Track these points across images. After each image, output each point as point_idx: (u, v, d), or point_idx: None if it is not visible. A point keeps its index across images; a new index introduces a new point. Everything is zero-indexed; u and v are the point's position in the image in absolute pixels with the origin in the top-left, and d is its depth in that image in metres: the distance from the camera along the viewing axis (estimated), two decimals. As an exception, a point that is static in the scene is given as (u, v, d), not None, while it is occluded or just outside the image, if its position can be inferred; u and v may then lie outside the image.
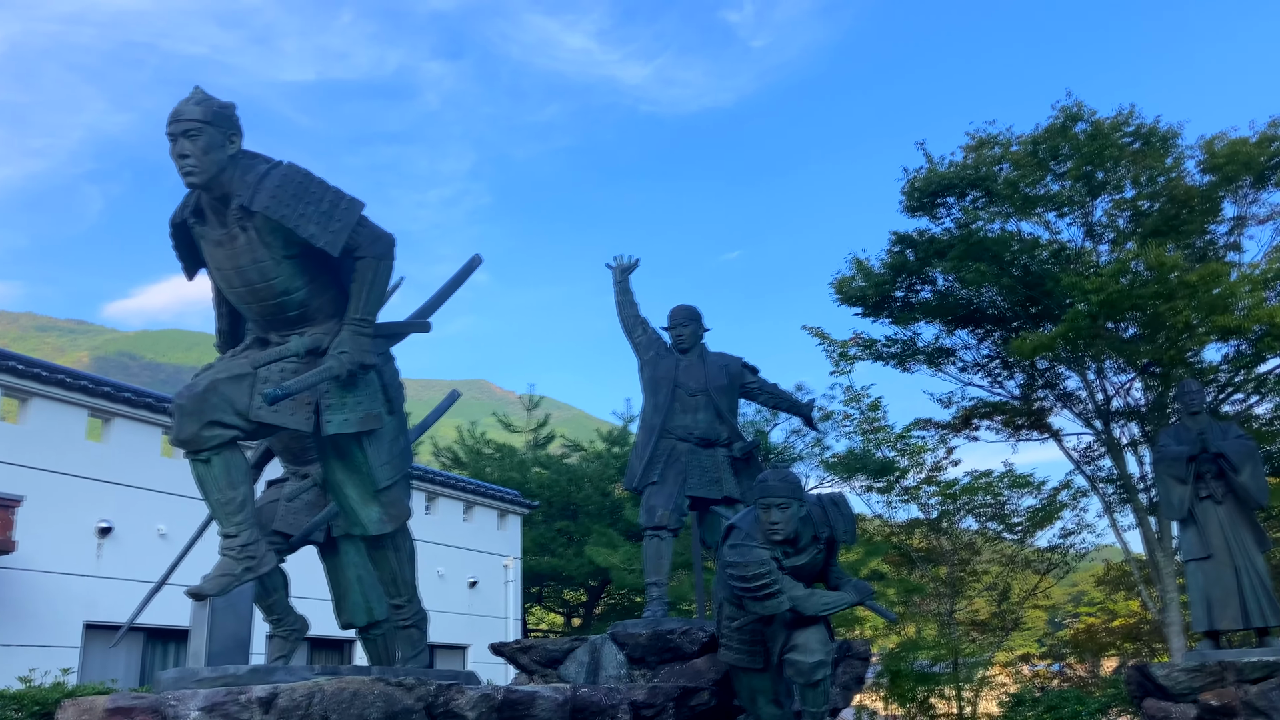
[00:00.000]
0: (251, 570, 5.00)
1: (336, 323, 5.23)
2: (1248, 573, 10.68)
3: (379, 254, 5.16)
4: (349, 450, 5.31)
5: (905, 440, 26.25)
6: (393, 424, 5.52)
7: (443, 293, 6.08)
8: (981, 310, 24.29)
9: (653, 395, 9.39)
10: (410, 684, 4.57)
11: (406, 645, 6.02)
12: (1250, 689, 9.89)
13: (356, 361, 5.08)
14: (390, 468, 5.46)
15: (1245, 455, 10.86)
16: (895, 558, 27.43)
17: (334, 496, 5.64)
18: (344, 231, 4.98)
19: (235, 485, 4.94)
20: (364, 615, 6.78)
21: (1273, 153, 21.33)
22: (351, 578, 6.85)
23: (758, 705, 7.20)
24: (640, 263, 10.03)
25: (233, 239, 4.99)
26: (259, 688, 4.28)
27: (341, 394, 5.13)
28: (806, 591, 6.63)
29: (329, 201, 4.96)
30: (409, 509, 5.72)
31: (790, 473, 6.86)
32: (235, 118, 4.99)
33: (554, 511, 28.57)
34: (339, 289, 5.28)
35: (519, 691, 5.24)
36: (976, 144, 23.38)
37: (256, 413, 4.91)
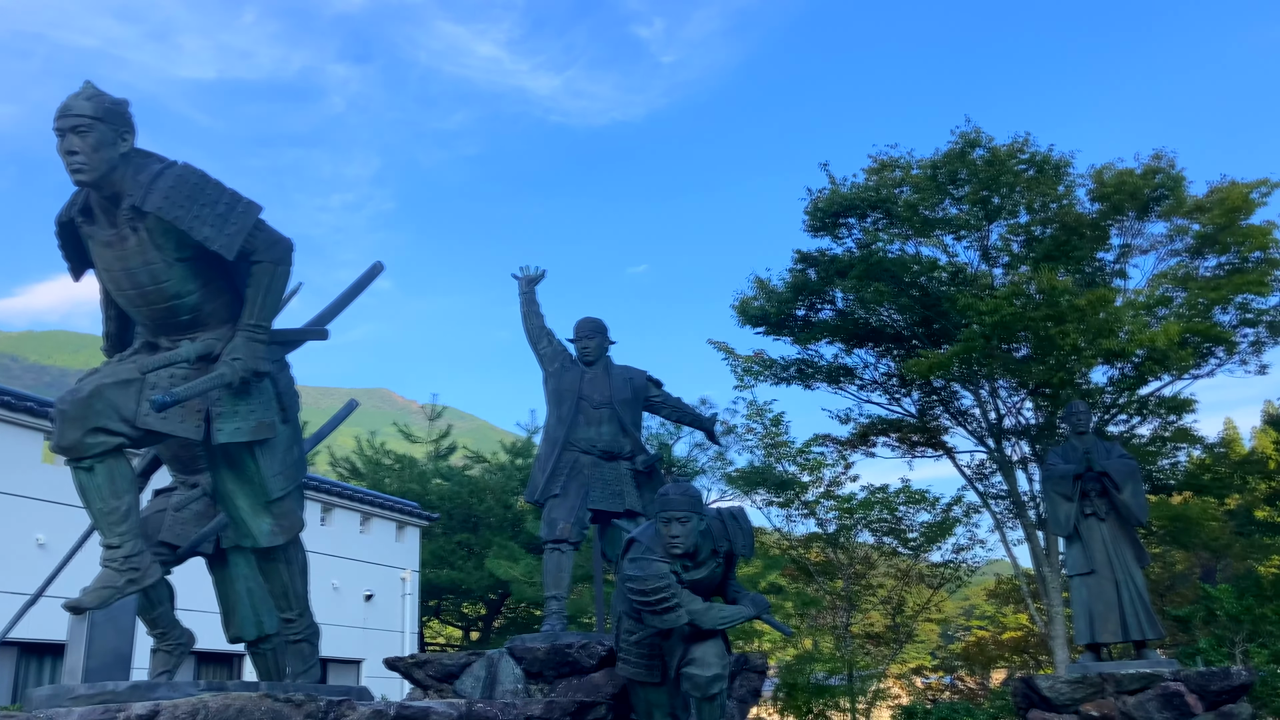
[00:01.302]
0: (134, 583, 4.83)
1: (230, 328, 5.08)
2: (1128, 587, 11.08)
3: (276, 258, 5.04)
4: (240, 460, 5.17)
5: (805, 455, 26.62)
6: (286, 433, 5.39)
7: (342, 300, 5.96)
8: (881, 330, 24.83)
9: (556, 407, 9.36)
10: (299, 700, 4.45)
11: (297, 660, 5.88)
12: (1128, 700, 10.27)
13: (250, 368, 4.95)
14: (283, 478, 5.32)
15: (1127, 474, 11.28)
16: (793, 571, 27.76)
17: (224, 507, 5.48)
18: (240, 235, 4.85)
19: (119, 494, 4.77)
20: (254, 629, 6.60)
21: (1156, 184, 22.28)
22: (241, 590, 6.66)
23: (655, 719, 7.21)
24: (547, 274, 9.99)
25: (123, 240, 4.82)
26: (139, 705, 4.12)
27: (234, 402, 4.99)
28: (705, 605, 6.66)
29: (225, 204, 4.83)
30: (302, 520, 5.59)
31: (691, 486, 6.89)
32: (128, 114, 4.83)
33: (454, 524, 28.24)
34: (234, 294, 5.14)
35: (412, 707, 5.15)
36: (878, 166, 23.95)
37: (143, 419, 4.75)
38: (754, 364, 26.11)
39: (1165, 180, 22.39)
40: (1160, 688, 10.12)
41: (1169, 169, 22.52)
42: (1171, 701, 10.04)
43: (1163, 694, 10.09)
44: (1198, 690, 10.11)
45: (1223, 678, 10.24)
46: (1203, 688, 10.14)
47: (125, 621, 6.75)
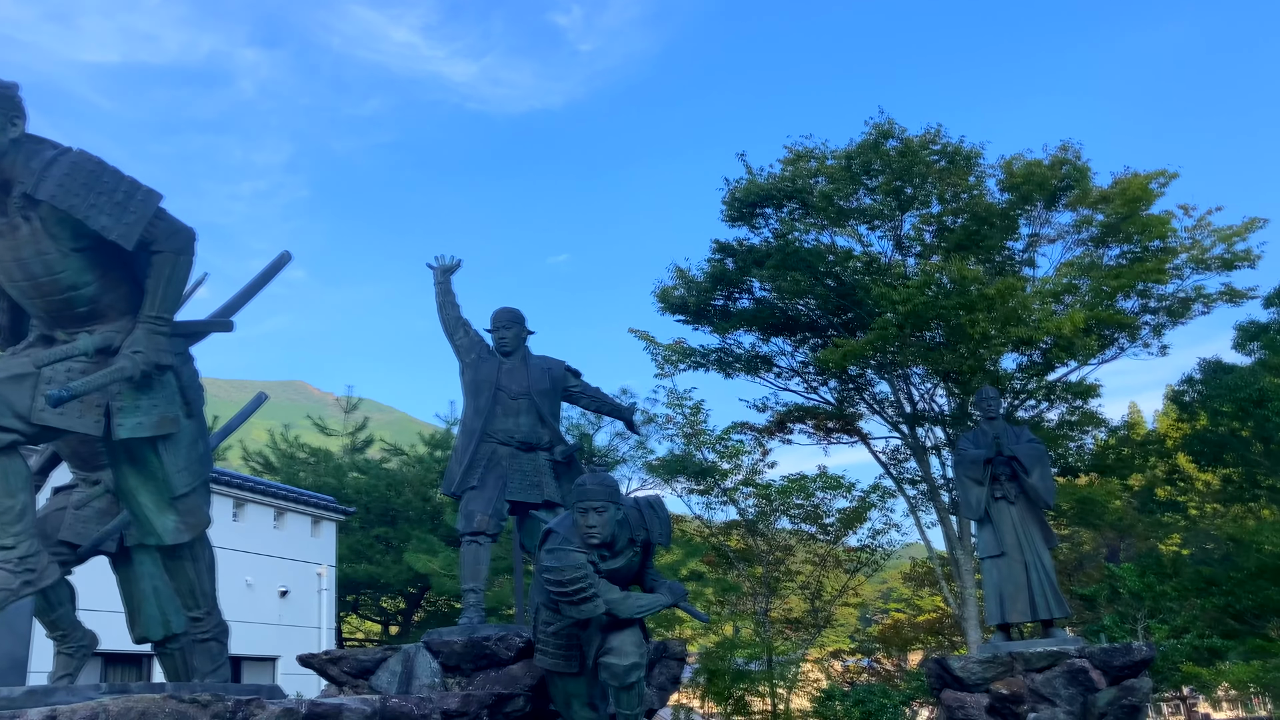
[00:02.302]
0: (31, 584, 4.66)
1: (130, 320, 4.92)
2: (1036, 568, 11.37)
3: (177, 248, 4.89)
4: (143, 455, 5.02)
5: (725, 443, 26.85)
6: (191, 428, 5.24)
7: (248, 290, 5.82)
8: (798, 319, 25.14)
9: (474, 399, 9.26)
10: (205, 700, 4.34)
11: (206, 659, 5.74)
12: (1036, 677, 10.55)
13: (151, 361, 4.80)
14: (188, 473, 5.18)
15: (1035, 458, 11.56)
16: (713, 558, 28.00)
17: (126, 504, 5.32)
18: (139, 224, 4.69)
19: (14, 493, 4.59)
20: (160, 628, 6.42)
21: (1063, 175, 22.87)
22: (146, 589, 6.47)
23: (573, 709, 7.19)
24: (463, 263, 9.87)
25: (14, 229, 4.63)
26: (35, 711, 3.98)
27: (135, 396, 4.83)
28: (622, 595, 6.66)
29: (123, 192, 4.67)
30: (208, 517, 5.45)
31: (608, 476, 6.88)
32: (18, 99, 4.64)
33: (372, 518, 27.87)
34: (133, 284, 4.97)
35: (325, 704, 5.06)
36: (794, 157, 24.20)
37: (39, 415, 4.58)
38: (674, 353, 26.24)
39: (1071, 171, 23.01)
40: (1066, 665, 10.42)
41: (1075, 160, 23.15)
42: (1077, 678, 10.34)
43: (1069, 670, 10.39)
44: (1101, 666, 10.43)
45: (1125, 653, 10.57)
46: (1106, 663, 10.46)
47: (21, 625, 6.53)
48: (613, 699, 6.92)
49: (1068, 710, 10.34)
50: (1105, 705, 10.26)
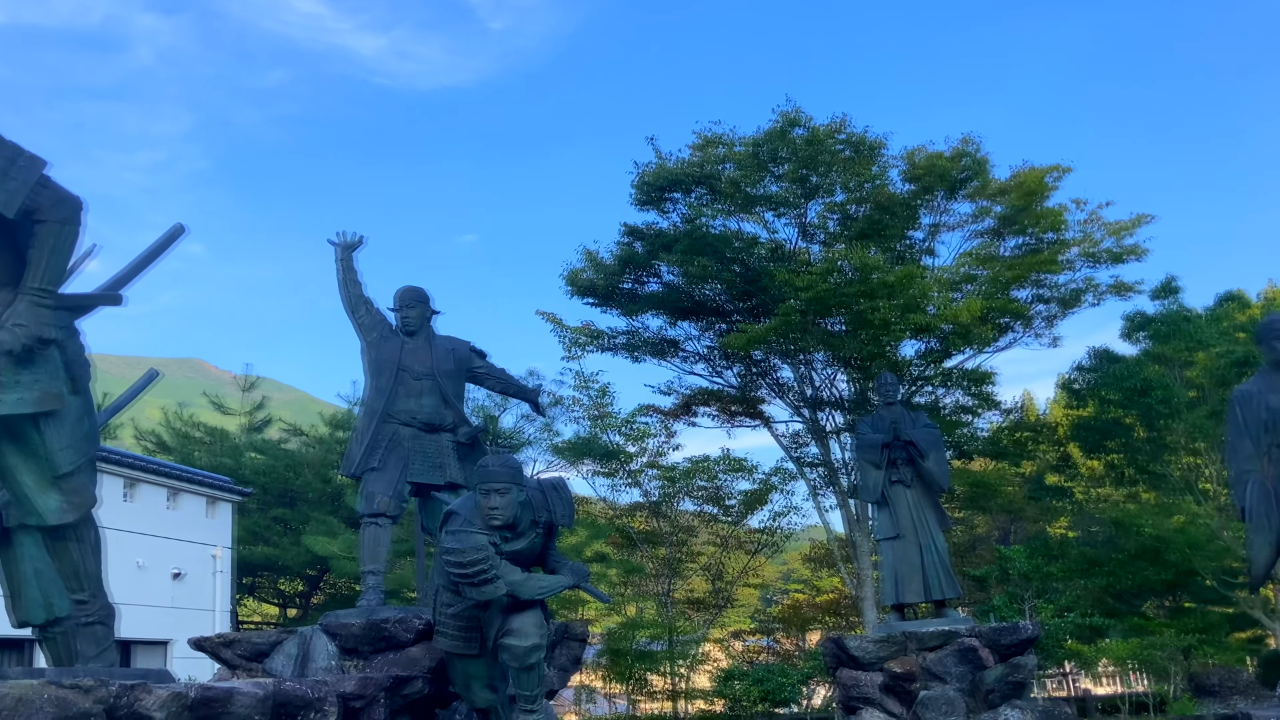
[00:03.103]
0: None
1: (11, 292, 4.72)
2: (930, 550, 11.67)
3: (63, 218, 4.70)
4: (24, 432, 4.83)
5: (631, 426, 26.95)
6: (77, 404, 5.06)
7: (139, 263, 5.62)
8: (704, 303, 25.33)
9: (375, 378, 9.13)
10: (88, 686, 4.21)
11: (91, 644, 5.55)
12: (929, 656, 10.85)
13: (34, 335, 4.61)
14: (73, 452, 5.00)
15: (931, 443, 11.85)
16: (618, 540, 28.13)
17: (6, 483, 5.11)
18: (20, 191, 4.50)
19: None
20: (42, 612, 6.18)
21: (963, 166, 23.42)
22: (28, 571, 6.21)
23: (473, 691, 7.17)
24: (367, 241, 9.70)
25: (-115, 196, 4.41)
26: (-96, 698, 3.81)
27: (15, 371, 4.64)
28: (524, 576, 6.65)
29: (4, 158, 4.47)
30: (94, 496, 5.27)
31: (511, 458, 6.85)
32: None
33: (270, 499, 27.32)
34: (15, 255, 4.77)
35: (216, 688, 4.95)
36: (703, 142, 24.31)
37: (-90, 391, 4.37)
38: (582, 335, 26.23)
39: (972, 163, 23.57)
40: (958, 643, 10.73)
41: (975, 153, 23.71)
42: (967, 656, 10.67)
43: (959, 649, 10.70)
44: (990, 644, 10.77)
45: (1012, 632, 10.94)
46: (995, 642, 10.81)
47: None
48: (513, 680, 6.92)
49: (958, 688, 10.66)
50: (994, 682, 10.61)
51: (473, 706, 7.42)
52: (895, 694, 10.87)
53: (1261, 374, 7.93)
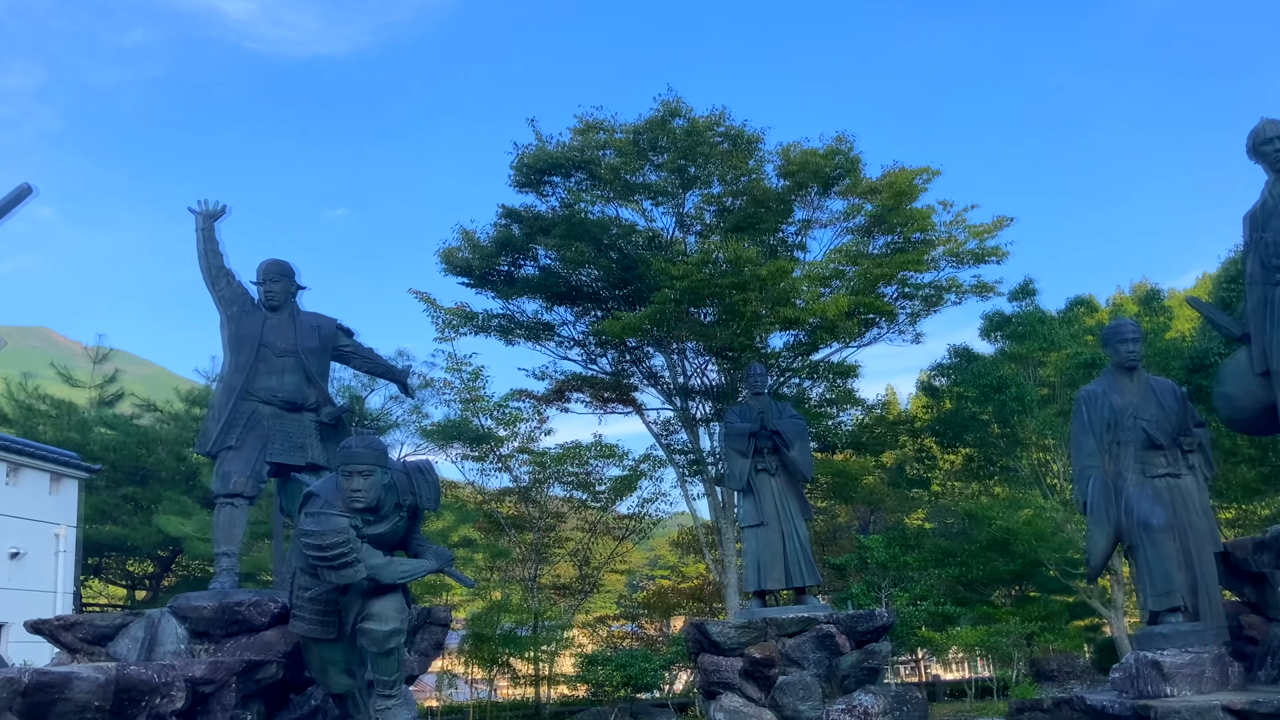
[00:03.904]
0: None
1: None
2: (792, 538, 11.93)
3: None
4: None
5: (503, 410, 26.77)
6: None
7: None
8: (581, 289, 25.30)
9: (235, 354, 8.81)
10: (-92, 671, 3.95)
11: (-87, 627, 5.22)
12: (788, 642, 11.09)
13: None
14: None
15: (796, 433, 12.10)
16: (485, 524, 27.93)
17: None
18: None
19: None
20: None
21: (836, 164, 23.92)
22: None
23: (329, 676, 7.01)
24: (230, 210, 9.35)
25: None
26: None
27: None
28: (385, 559, 6.53)
29: None
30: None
31: (375, 439, 6.71)
32: None
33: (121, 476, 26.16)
34: None
35: (52, 673, 4.71)
36: (584, 128, 24.24)
37: None
38: (456, 316, 25.89)
39: (845, 162, 24.09)
40: (816, 630, 11.01)
41: (848, 151, 24.24)
42: (824, 642, 10.95)
43: (817, 635, 10.98)
44: (847, 631, 11.08)
45: (868, 619, 11.27)
46: (851, 628, 11.12)
47: None
48: (371, 665, 6.79)
49: (815, 673, 10.93)
50: (848, 667, 10.92)
51: (329, 692, 7.26)
52: (754, 679, 11.09)
53: (1106, 375, 8.33)
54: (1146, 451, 7.76)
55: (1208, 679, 6.82)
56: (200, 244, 9.08)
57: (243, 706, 6.85)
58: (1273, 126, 7.36)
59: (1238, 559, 7.45)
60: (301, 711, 7.63)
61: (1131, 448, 7.78)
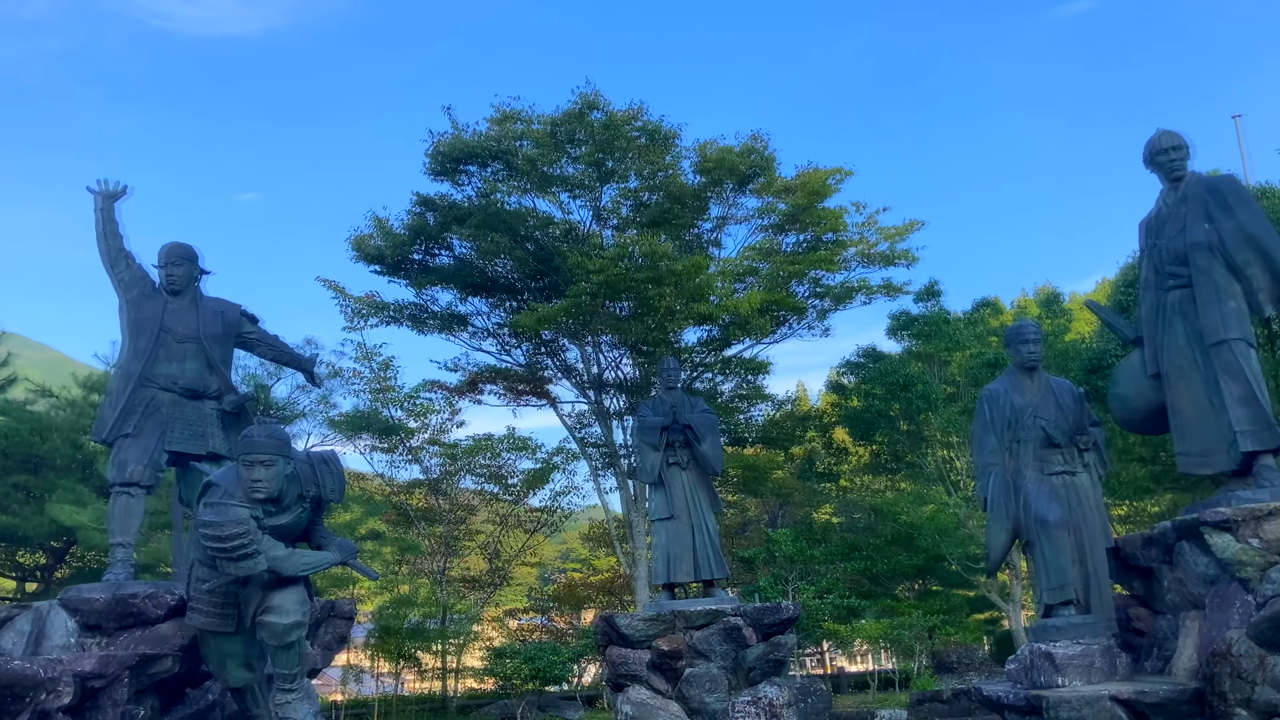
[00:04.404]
0: None
1: None
2: (702, 531, 12.01)
3: None
4: None
5: (414, 401, 26.45)
6: None
7: None
8: (496, 280, 25.10)
9: (134, 339, 8.56)
10: None
11: None
12: (695, 634, 11.17)
13: None
14: None
15: (708, 427, 12.19)
16: (394, 517, 27.58)
17: None
18: None
19: None
20: None
21: (752, 163, 24.13)
22: None
23: (227, 670, 6.86)
24: (131, 190, 9.07)
25: None
26: None
27: None
28: (287, 551, 6.41)
29: None
30: None
31: (277, 428, 6.57)
32: None
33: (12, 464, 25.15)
34: None
35: (-71, 669, 4.51)
36: (501, 117, 24.05)
37: None
38: (366, 305, 25.49)
39: (760, 160, 24.31)
40: (723, 622, 11.10)
41: (764, 150, 24.47)
42: (731, 635, 11.05)
43: (724, 628, 11.07)
44: (754, 623, 11.20)
45: (774, 612, 11.40)
46: (758, 621, 11.24)
47: None
48: (271, 658, 6.67)
49: (722, 665, 11.03)
50: (755, 660, 11.03)
51: (227, 686, 7.10)
52: (662, 671, 11.14)
53: (1008, 375, 8.55)
54: (1045, 449, 7.99)
55: (1097, 670, 7.06)
56: (99, 225, 8.80)
57: (135, 702, 6.67)
58: (1168, 138, 7.62)
59: (1128, 554, 7.72)
60: (198, 706, 7.46)
61: (1030, 446, 8.00)
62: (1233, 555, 6.21)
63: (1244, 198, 7.29)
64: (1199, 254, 7.16)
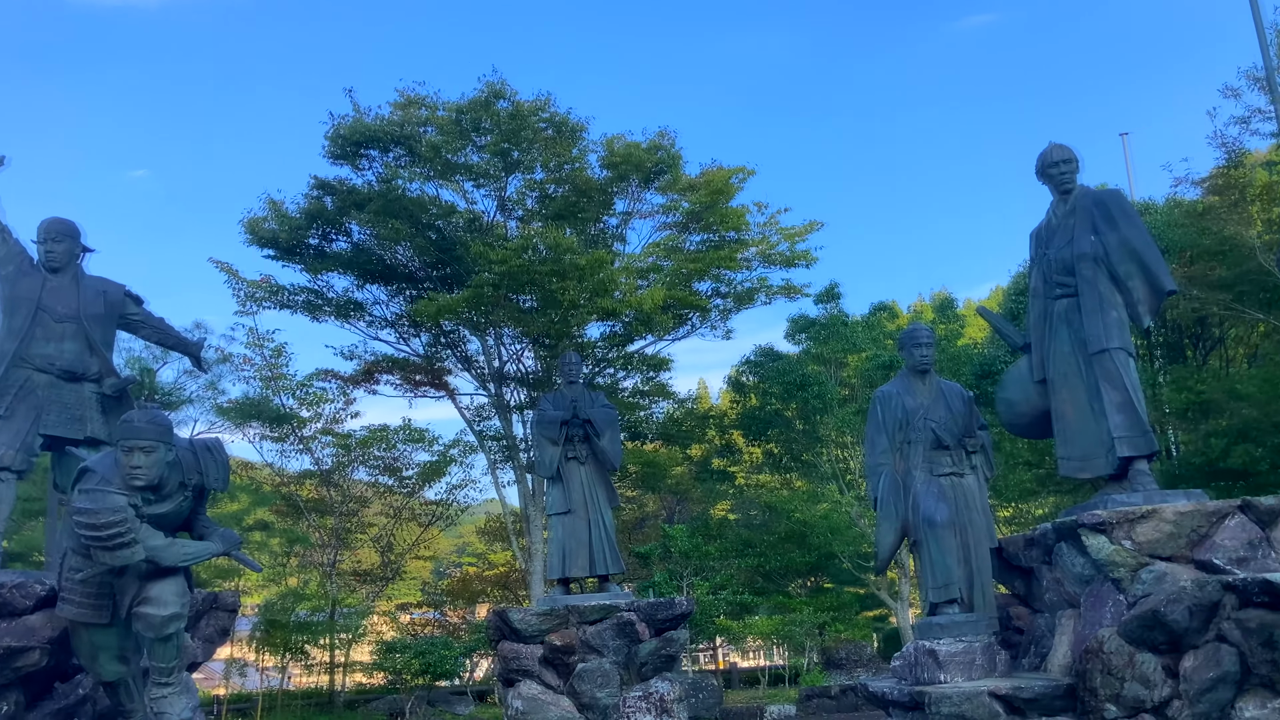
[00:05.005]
0: None
1: None
2: (598, 526, 12.00)
3: None
4: None
5: (306, 389, 25.88)
6: None
7: None
8: (395, 268, 24.69)
9: (9, 317, 8.18)
10: None
11: None
12: (589, 629, 11.16)
13: None
14: None
15: (608, 423, 12.19)
16: (283, 508, 26.96)
17: None
18: None
19: None
20: None
21: (658, 159, 24.18)
22: None
23: (100, 663, 6.59)
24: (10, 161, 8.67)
25: None
26: None
27: None
28: (167, 541, 6.19)
29: None
30: None
31: (159, 413, 6.33)
32: None
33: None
34: None
35: None
36: (405, 102, 23.66)
37: None
38: (259, 289, 24.83)
39: (666, 157, 24.37)
40: (616, 618, 11.12)
41: (670, 147, 24.53)
42: (625, 630, 11.07)
43: (618, 623, 11.10)
44: (647, 619, 11.24)
45: (668, 607, 11.46)
46: (651, 616, 11.29)
47: None
48: (148, 651, 6.44)
49: (614, 660, 11.05)
50: (647, 655, 11.08)
51: (99, 679, 6.84)
52: (554, 666, 11.11)
53: (901, 377, 8.73)
54: (934, 451, 8.17)
55: (978, 666, 7.26)
56: (-28, 196, 8.37)
57: (-1, 696, 6.37)
58: (1059, 151, 7.86)
59: (1010, 555, 7.95)
60: (67, 701, 7.16)
61: (920, 447, 8.18)
62: (1107, 556, 6.44)
63: (1128, 212, 7.56)
64: (1085, 265, 7.40)
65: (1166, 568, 6.35)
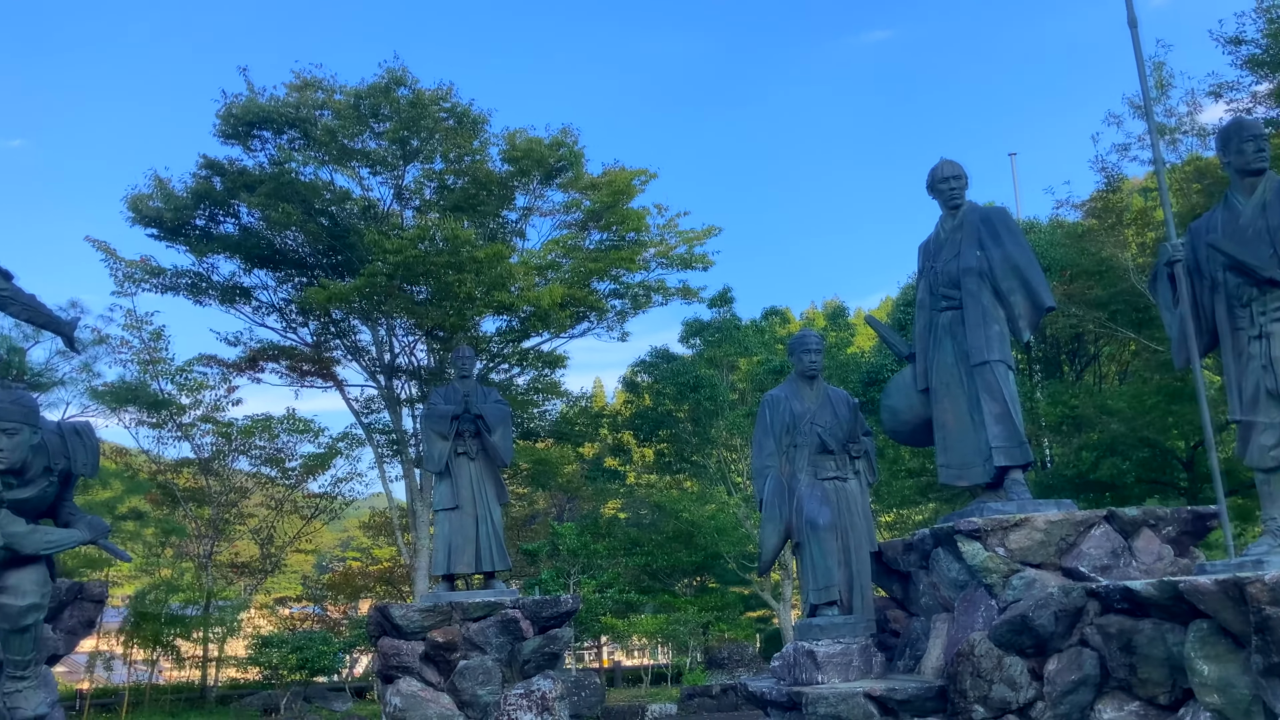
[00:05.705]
0: None
1: None
2: (486, 522, 11.88)
3: None
4: None
5: (186, 375, 25.08)
6: None
7: None
8: (285, 253, 24.10)
9: None
10: None
11: None
12: (472, 626, 11.04)
13: None
14: None
15: (500, 419, 12.07)
16: (158, 496, 26.07)
17: None
18: None
19: None
20: None
21: (560, 156, 24.10)
22: None
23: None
24: None
25: None
26: None
27: None
28: (28, 528, 5.92)
29: None
30: None
31: (24, 394, 6.06)
32: None
33: None
34: None
35: None
36: (301, 84, 23.14)
37: None
38: (139, 270, 23.97)
39: (568, 154, 24.30)
40: (501, 615, 11.02)
41: (573, 144, 24.47)
42: (508, 627, 10.99)
43: (501, 620, 11.00)
44: (531, 616, 11.17)
45: (553, 605, 11.41)
46: (535, 614, 11.23)
47: None
48: (3, 643, 6.14)
49: (496, 657, 10.95)
50: (530, 652, 11.01)
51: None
52: (435, 663, 10.96)
53: (789, 382, 8.85)
54: (819, 455, 8.30)
55: (854, 668, 7.40)
56: None
57: None
58: (949, 167, 8.07)
59: (889, 559, 8.13)
60: (-87, 695, 6.76)
61: (806, 451, 8.30)
62: (981, 562, 6.63)
63: (1013, 229, 7.80)
64: (970, 279, 7.61)
65: (1036, 574, 6.57)
